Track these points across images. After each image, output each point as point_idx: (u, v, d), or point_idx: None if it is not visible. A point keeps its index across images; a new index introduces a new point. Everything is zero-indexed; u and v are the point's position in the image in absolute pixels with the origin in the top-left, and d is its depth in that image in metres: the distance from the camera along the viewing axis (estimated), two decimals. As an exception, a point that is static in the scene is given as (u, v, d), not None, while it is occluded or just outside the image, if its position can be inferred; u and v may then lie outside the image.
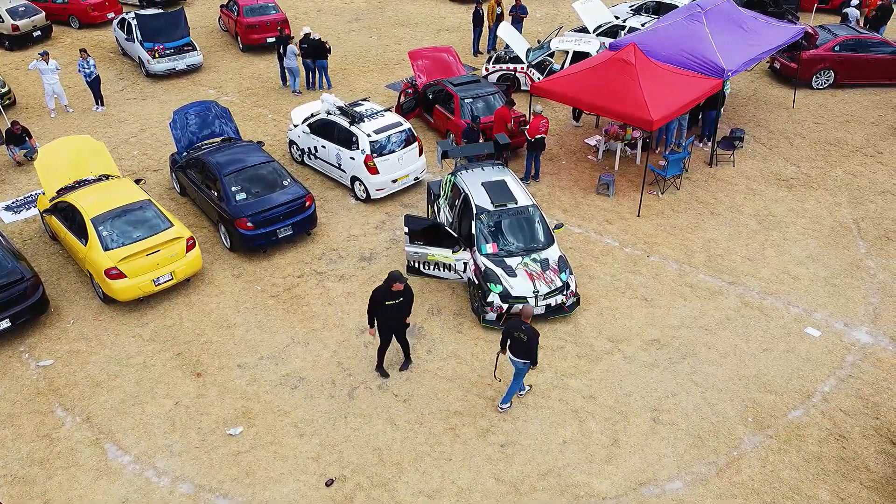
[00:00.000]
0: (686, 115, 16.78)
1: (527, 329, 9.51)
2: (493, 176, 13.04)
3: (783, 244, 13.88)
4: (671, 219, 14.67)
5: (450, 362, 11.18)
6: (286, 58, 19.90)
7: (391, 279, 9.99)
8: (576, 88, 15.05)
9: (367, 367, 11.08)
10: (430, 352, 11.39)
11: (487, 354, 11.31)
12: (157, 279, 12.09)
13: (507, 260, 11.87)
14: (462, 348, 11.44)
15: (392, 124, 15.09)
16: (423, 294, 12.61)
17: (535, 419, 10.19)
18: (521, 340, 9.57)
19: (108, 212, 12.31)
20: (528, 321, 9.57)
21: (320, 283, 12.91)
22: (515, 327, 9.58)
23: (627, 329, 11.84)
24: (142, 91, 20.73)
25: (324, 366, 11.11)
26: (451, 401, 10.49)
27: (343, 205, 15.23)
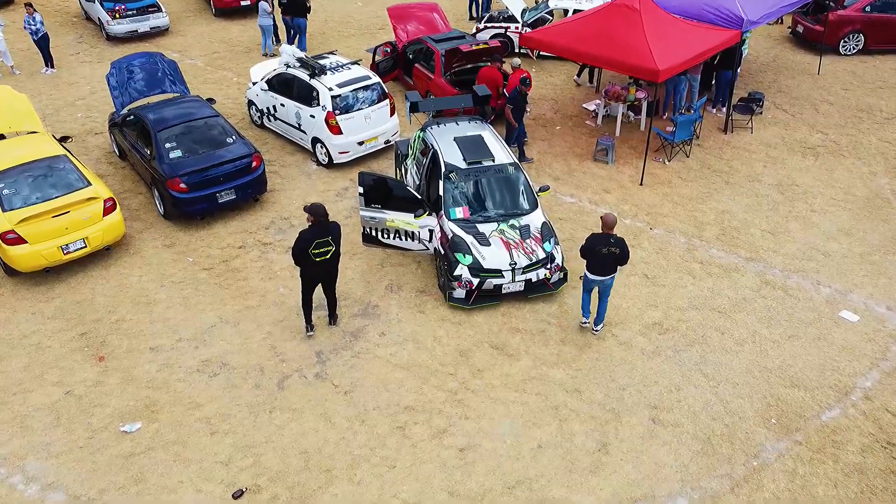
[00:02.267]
0: (697, 77, 14.76)
1: (616, 241, 8.73)
2: (469, 131, 11.08)
3: (810, 217, 11.84)
4: (679, 188, 12.66)
5: (406, 347, 9.24)
6: (259, 16, 18.13)
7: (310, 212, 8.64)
8: (572, 38, 13.06)
9: (305, 351, 9.17)
10: (383, 334, 9.45)
11: (452, 339, 9.36)
12: (66, 247, 10.21)
13: (479, 226, 9.91)
14: (422, 331, 9.49)
15: (359, 78, 13.16)
16: (382, 268, 10.68)
17: (505, 417, 8.23)
18: (612, 255, 8.74)
19: (12, 168, 10.45)
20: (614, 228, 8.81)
21: (263, 254, 11.00)
22: (603, 242, 8.70)
23: (624, 310, 9.85)
24: (99, 54, 18.89)
25: (253, 350, 9.20)
26: (402, 393, 8.55)
27: (303, 170, 13.32)
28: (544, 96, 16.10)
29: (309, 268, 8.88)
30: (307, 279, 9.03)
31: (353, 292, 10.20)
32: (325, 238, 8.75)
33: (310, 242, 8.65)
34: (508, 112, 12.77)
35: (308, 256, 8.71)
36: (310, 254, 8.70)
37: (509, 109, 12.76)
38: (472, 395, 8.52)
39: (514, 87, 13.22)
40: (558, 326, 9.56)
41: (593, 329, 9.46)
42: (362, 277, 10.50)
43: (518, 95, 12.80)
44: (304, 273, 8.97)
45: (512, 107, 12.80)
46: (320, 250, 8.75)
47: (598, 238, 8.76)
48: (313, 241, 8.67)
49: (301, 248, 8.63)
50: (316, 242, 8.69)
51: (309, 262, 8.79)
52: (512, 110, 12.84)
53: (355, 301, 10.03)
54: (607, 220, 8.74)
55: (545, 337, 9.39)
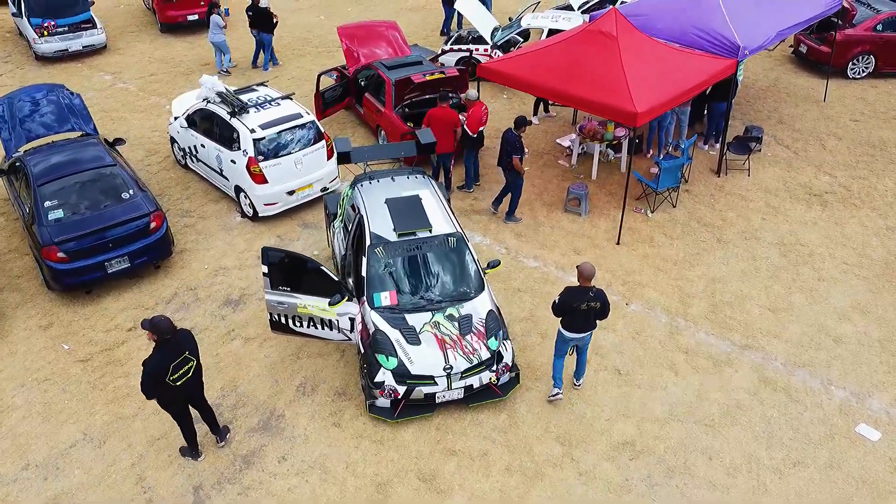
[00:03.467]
0: (687, 109, 12.85)
1: (597, 294, 7.58)
2: (406, 189, 9.16)
3: (818, 287, 9.92)
4: (662, 248, 10.74)
5: (310, 479, 7.31)
6: (210, 31, 16.33)
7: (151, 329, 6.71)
8: (536, 70, 11.13)
9: (181, 484, 7.25)
10: (284, 459, 7.52)
11: (370, 465, 7.43)
12: None
13: (409, 318, 7.98)
14: (334, 454, 7.58)
15: (288, 116, 11.23)
16: (297, 360, 8.77)
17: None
18: (593, 311, 7.62)
19: None
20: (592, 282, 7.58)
21: (155, 340, 9.08)
22: (581, 297, 7.53)
23: (588, 422, 7.93)
24: (23, 76, 16.96)
25: (115, 483, 7.27)
26: (295, 553, 6.63)
27: (224, 224, 11.40)
28: (497, 128, 14.09)
29: (170, 397, 6.95)
30: (173, 409, 7.11)
31: (256, 395, 8.28)
32: (180, 357, 6.84)
33: (164, 370, 6.71)
34: (517, 162, 10.69)
35: (167, 385, 6.79)
36: (168, 382, 6.78)
37: (518, 159, 10.69)
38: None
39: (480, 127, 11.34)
40: (505, 446, 7.64)
41: (574, 384, 8.30)
42: (270, 373, 8.58)
43: (517, 139, 10.74)
44: (165, 404, 7.03)
45: (520, 156, 10.76)
46: (179, 372, 6.84)
47: (576, 292, 7.55)
48: (168, 366, 6.73)
49: (154, 380, 6.69)
50: (171, 367, 6.77)
51: (169, 391, 6.86)
52: (519, 159, 10.82)
53: (256, 408, 8.11)
54: (585, 271, 7.51)
55: (487, 462, 7.47)
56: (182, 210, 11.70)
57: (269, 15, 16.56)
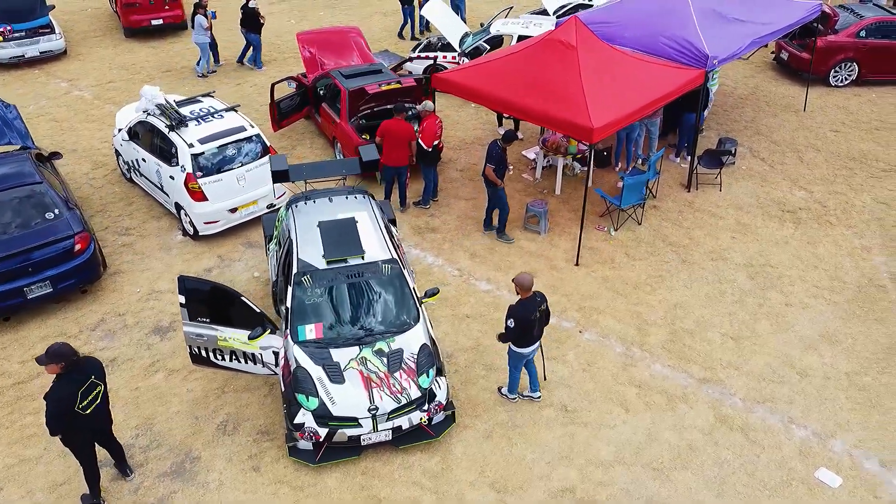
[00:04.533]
0: (657, 121, 12.27)
1: (542, 297, 7.49)
2: (343, 211, 8.58)
3: (785, 313, 9.34)
4: (623, 270, 10.15)
5: (219, 532, 6.74)
6: (194, 32, 16.07)
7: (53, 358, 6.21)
8: (492, 81, 10.54)
9: (79, 538, 6.68)
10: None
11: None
12: None
13: (334, 353, 7.39)
14: (249, 501, 6.99)
15: (230, 130, 10.66)
16: (222, 394, 8.18)
17: None
18: (544, 315, 7.53)
19: None
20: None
21: (73, 372, 8.50)
22: (533, 307, 7.32)
23: (527, 466, 7.35)
24: (-23, 83, 16.42)
25: (7, 536, 6.72)
26: None
27: (164, 242, 10.81)
28: (479, 139, 13.60)
29: (78, 430, 6.44)
30: (79, 442, 6.58)
31: (173, 434, 7.70)
32: (86, 382, 6.37)
33: (72, 396, 6.22)
34: (491, 171, 10.14)
35: (76, 415, 6.28)
36: (77, 411, 6.27)
37: (491, 169, 10.14)
38: None
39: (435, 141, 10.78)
40: (434, 493, 7.05)
41: (534, 398, 8.02)
42: (192, 409, 8.00)
43: (499, 150, 10.19)
44: (72, 438, 6.51)
45: (494, 166, 10.17)
46: (88, 399, 6.37)
47: (528, 304, 7.32)
48: (76, 391, 6.25)
49: (62, 411, 6.20)
50: (80, 393, 6.26)
51: (78, 422, 6.35)
52: (495, 170, 10.20)
53: (171, 449, 7.53)
54: (525, 283, 7.28)
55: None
56: (121, 228, 11.12)
57: (257, 15, 16.45)
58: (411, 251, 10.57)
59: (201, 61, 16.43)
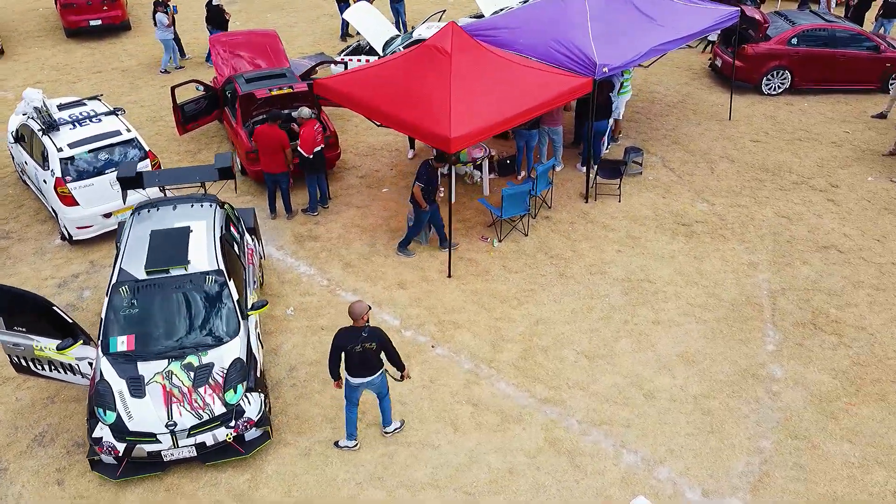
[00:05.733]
0: (559, 129, 12.00)
1: (370, 333, 6.93)
2: (182, 220, 8.41)
3: (650, 332, 9.04)
4: (496, 282, 9.89)
5: (-1, 549, 6.59)
6: (157, 30, 16.33)
7: None
8: (367, 89, 10.33)
9: None
10: (-19, 524, 6.81)
11: (74, 533, 6.69)
12: None
13: (141, 366, 7.22)
14: (40, 518, 6.84)
15: (104, 134, 10.54)
16: (51, 404, 8.04)
17: None
18: (370, 352, 6.97)
19: None
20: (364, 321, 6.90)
21: None
22: (353, 339, 6.90)
23: (336, 487, 7.12)
24: None
25: None
26: None
27: (40, 247, 10.71)
28: (388, 145, 13.39)
29: None
30: None
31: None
32: None
33: None
34: (418, 191, 9.64)
35: None
36: None
37: (419, 188, 9.62)
38: None
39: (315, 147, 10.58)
40: (232, 514, 6.86)
41: (384, 432, 7.62)
42: (15, 418, 7.87)
43: (429, 170, 9.69)
44: None
45: (423, 186, 9.65)
46: None
47: (347, 333, 6.96)
48: None
49: None
50: None
51: None
52: (423, 189, 9.66)
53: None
54: (352, 311, 6.86)
55: (204, 533, 6.70)
56: (3, 231, 11.04)
57: (222, 12, 16.66)
58: (286, 260, 10.39)
59: (165, 57, 16.62)
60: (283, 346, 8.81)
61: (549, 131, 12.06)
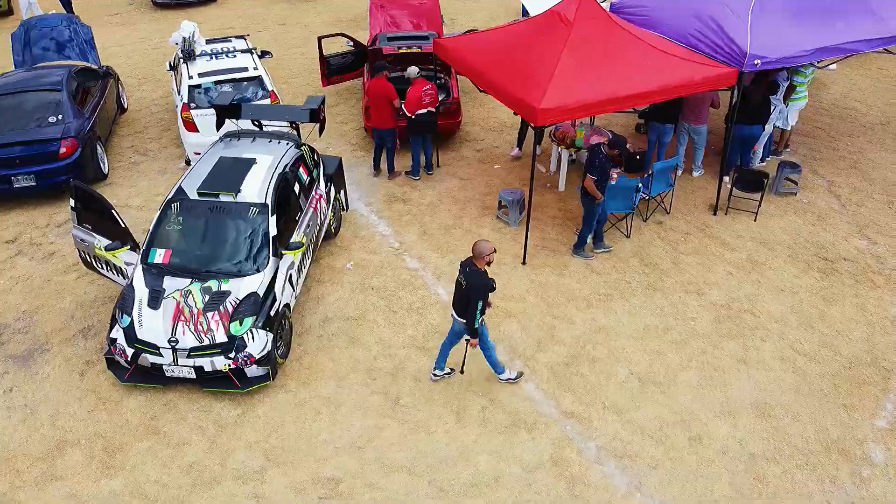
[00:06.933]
0: (702, 128, 10.54)
1: (469, 275, 6.60)
2: (253, 152, 8.50)
3: (729, 369, 7.55)
4: (571, 279, 8.88)
5: (14, 415, 7.07)
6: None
7: None
8: (479, 52, 9.72)
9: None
10: (10, 390, 7.36)
11: (73, 422, 7.01)
12: None
13: (167, 280, 7.39)
14: (55, 399, 7.24)
15: (230, 69, 11.06)
16: (107, 303, 8.55)
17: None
18: (460, 291, 6.78)
19: None
20: (483, 263, 6.61)
21: (13, 258, 9.42)
22: (461, 268, 6.78)
23: (313, 445, 6.77)
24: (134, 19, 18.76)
25: None
26: (-69, 480, 6.47)
27: (165, 168, 11.51)
28: (505, 123, 12.65)
29: None
30: None
31: (44, 325, 8.23)
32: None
33: None
34: (591, 184, 8.63)
35: None
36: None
37: (591, 180, 8.61)
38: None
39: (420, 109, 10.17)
40: (209, 443, 6.77)
41: (506, 378, 7.35)
42: (76, 309, 8.50)
43: (601, 158, 8.63)
44: None
45: (596, 177, 8.63)
46: None
47: (462, 262, 6.84)
48: None
49: None
50: None
51: None
52: (596, 181, 8.66)
53: (34, 338, 8.05)
54: (476, 247, 6.68)
55: (177, 453, 6.68)
56: (143, 149, 12.08)
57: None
58: (369, 217, 10.20)
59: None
60: (328, 296, 8.62)
61: (689, 129, 10.62)
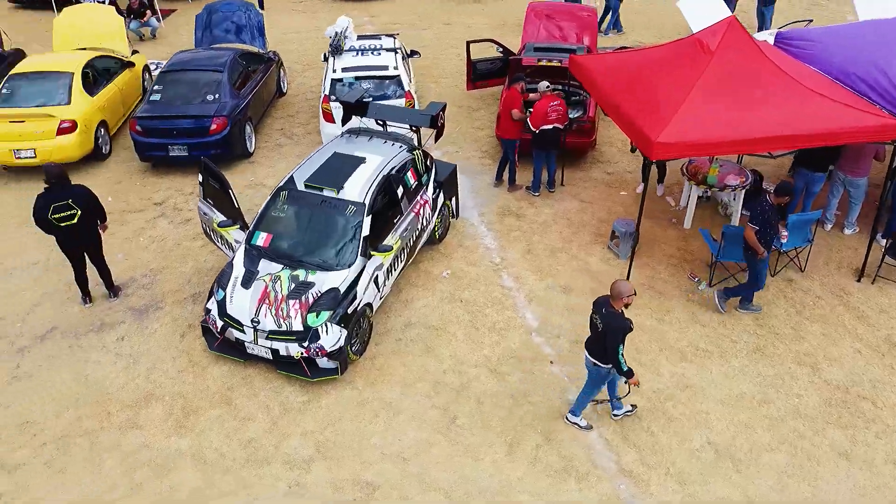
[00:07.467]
0: (861, 180, 9.43)
1: (606, 314, 6.30)
2: (366, 151, 8.76)
3: (825, 461, 6.70)
4: (669, 327, 8.28)
5: (119, 363, 7.84)
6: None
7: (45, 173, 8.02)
8: (612, 74, 9.27)
9: (51, 315, 8.45)
10: (122, 339, 8.19)
11: (164, 378, 7.66)
12: (18, 152, 11.06)
13: (262, 263, 7.83)
14: (155, 355, 7.95)
15: (372, 66, 11.44)
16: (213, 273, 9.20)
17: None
18: (594, 327, 6.53)
19: (24, 73, 11.63)
20: (621, 304, 6.29)
21: (156, 219, 10.40)
22: (595, 307, 6.53)
23: (363, 447, 6.88)
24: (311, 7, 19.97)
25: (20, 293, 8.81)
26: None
27: (305, 152, 12.09)
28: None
29: (57, 234, 8.15)
30: (61, 247, 8.32)
31: (164, 286, 9.03)
32: (63, 202, 7.97)
33: (45, 209, 7.93)
34: (752, 235, 7.75)
35: (50, 222, 7.98)
36: (51, 220, 7.96)
37: (753, 231, 7.75)
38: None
39: (544, 125, 9.98)
40: (271, 424, 7.11)
41: (573, 422, 7.03)
42: (193, 275, 9.24)
43: (767, 207, 7.72)
44: (57, 240, 8.25)
45: (758, 228, 7.75)
46: (61, 214, 7.99)
47: (597, 301, 6.57)
48: (49, 206, 7.95)
49: (36, 214, 7.99)
50: (53, 207, 7.94)
51: (54, 228, 8.06)
52: (758, 233, 7.75)
53: (153, 295, 8.86)
54: (614, 287, 6.36)
55: (238, 427, 7.07)
56: (290, 132, 12.87)
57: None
58: (478, 227, 10.15)
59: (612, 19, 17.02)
60: (416, 301, 8.71)
61: (845, 180, 9.51)
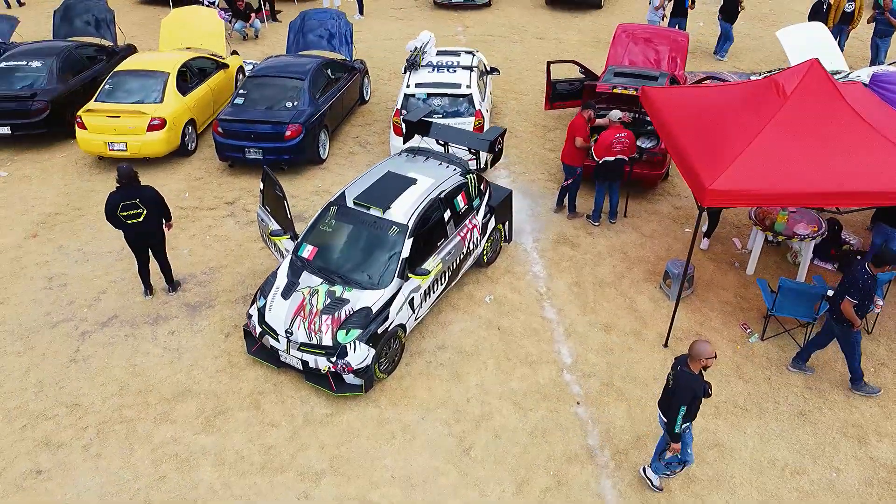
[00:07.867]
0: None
1: (680, 373, 6.06)
2: (419, 172, 8.87)
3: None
4: (709, 377, 7.92)
5: (167, 356, 8.35)
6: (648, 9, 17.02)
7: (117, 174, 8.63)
8: (680, 110, 8.93)
9: (113, 304, 9.10)
10: (173, 333, 8.70)
11: (203, 374, 8.09)
12: (112, 144, 11.95)
13: (304, 275, 8.10)
14: (200, 351, 8.39)
15: (444, 83, 11.54)
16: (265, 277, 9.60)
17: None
18: (667, 383, 6.31)
19: (128, 70, 12.53)
20: (699, 366, 6.00)
21: (223, 218, 10.96)
22: (674, 364, 6.27)
23: (374, 468, 7.00)
24: (408, 14, 20.32)
25: (98, 276, 9.52)
26: (90, 390, 7.90)
27: (375, 160, 12.48)
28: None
29: (124, 230, 8.77)
30: (128, 241, 8.94)
31: (219, 284, 9.50)
32: (131, 201, 8.59)
33: (115, 205, 8.57)
34: (849, 309, 7.17)
35: (118, 218, 8.62)
36: (119, 216, 8.59)
37: (851, 305, 7.16)
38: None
39: (607, 156, 9.80)
40: (291, 432, 7.35)
41: (648, 475, 6.76)
42: (248, 275, 9.67)
43: (865, 278, 7.14)
44: (125, 235, 8.87)
45: (857, 301, 7.17)
46: (129, 212, 8.64)
47: (677, 358, 6.29)
48: (119, 203, 8.59)
49: (107, 210, 8.65)
50: (122, 205, 8.58)
51: (122, 225, 8.69)
52: (857, 307, 7.19)
53: (207, 293, 9.34)
54: (693, 348, 6.02)
55: (260, 431, 7.36)
56: (364, 141, 13.19)
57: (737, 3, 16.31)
58: (531, 254, 10.07)
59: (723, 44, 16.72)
60: (453, 324, 8.75)
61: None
